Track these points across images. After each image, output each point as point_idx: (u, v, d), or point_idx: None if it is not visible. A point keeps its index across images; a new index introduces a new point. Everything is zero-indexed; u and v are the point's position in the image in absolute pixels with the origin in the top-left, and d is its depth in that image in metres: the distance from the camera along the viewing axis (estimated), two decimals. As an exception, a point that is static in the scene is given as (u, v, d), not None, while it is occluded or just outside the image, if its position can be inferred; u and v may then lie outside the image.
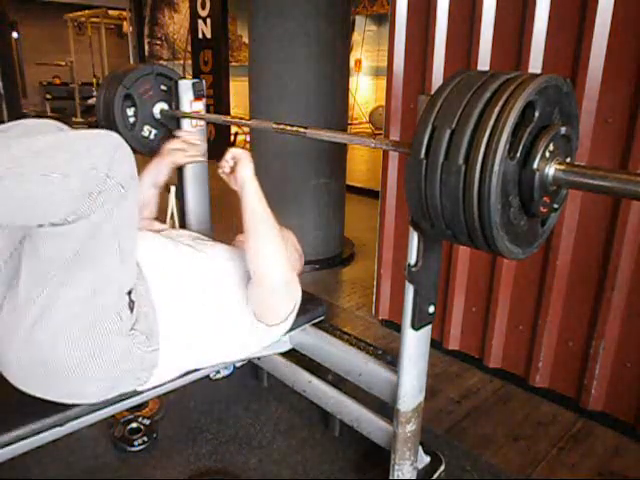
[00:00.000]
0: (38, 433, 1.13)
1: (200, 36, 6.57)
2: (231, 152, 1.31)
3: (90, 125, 8.67)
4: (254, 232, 1.25)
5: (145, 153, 1.94)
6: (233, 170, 1.31)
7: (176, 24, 8.41)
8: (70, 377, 1.05)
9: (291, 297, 1.31)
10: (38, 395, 1.10)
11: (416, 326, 1.21)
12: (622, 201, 1.65)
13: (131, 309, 1.08)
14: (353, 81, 8.31)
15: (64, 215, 0.90)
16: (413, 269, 1.16)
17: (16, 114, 8.17)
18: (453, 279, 2.15)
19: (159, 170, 1.61)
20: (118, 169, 0.94)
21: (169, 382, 1.30)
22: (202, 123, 1.84)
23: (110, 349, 1.05)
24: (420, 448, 1.45)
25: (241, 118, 1.72)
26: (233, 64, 7.45)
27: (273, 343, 1.53)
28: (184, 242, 1.38)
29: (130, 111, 1.85)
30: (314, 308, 1.70)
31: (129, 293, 1.07)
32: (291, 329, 1.60)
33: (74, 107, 9.65)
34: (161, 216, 1.74)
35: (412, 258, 1.17)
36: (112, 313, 1.04)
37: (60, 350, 1.01)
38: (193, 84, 1.81)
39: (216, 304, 1.28)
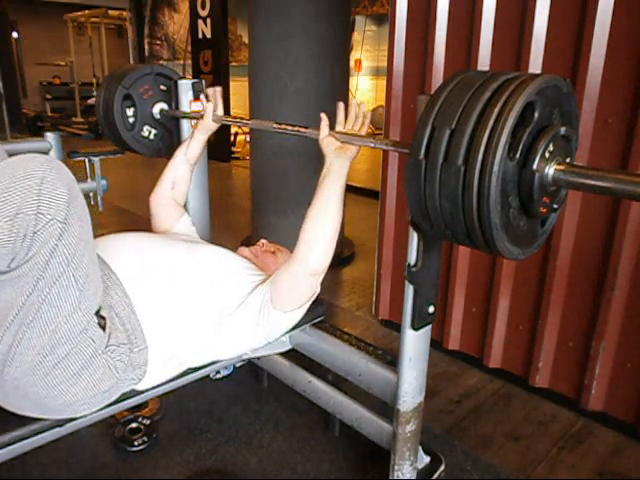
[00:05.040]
0: (38, 433, 1.13)
1: (200, 36, 6.57)
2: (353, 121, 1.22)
3: (90, 125, 8.67)
4: (320, 212, 1.21)
5: (144, 153, 1.94)
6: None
7: (176, 24, 8.40)
8: (56, 402, 1.05)
9: (315, 286, 1.31)
10: (32, 416, 1.10)
11: (416, 326, 1.21)
12: (622, 201, 1.65)
13: (103, 327, 1.06)
14: (353, 81, 8.30)
15: (5, 263, 0.88)
16: (413, 269, 1.16)
17: (16, 114, 8.19)
18: (453, 279, 2.15)
19: (190, 145, 1.61)
20: (49, 205, 0.88)
21: (169, 382, 1.30)
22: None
23: (89, 372, 1.04)
24: (420, 448, 1.45)
25: (241, 118, 1.72)
26: (233, 64, 7.45)
27: (274, 342, 1.53)
28: (177, 242, 1.38)
29: (130, 111, 1.85)
30: (314, 308, 1.69)
31: (97, 312, 1.05)
32: (291, 329, 1.60)
33: (74, 107, 9.64)
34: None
35: (412, 258, 1.17)
36: (82, 339, 1.01)
37: (38, 384, 1.00)
38: (193, 84, 1.81)
39: (209, 302, 1.27)
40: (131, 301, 1.16)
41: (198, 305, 1.26)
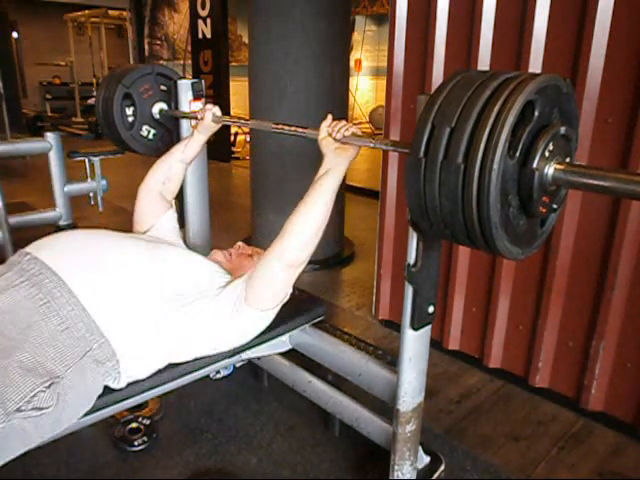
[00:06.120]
0: (38, 433, 1.13)
1: (200, 36, 6.57)
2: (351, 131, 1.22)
3: (90, 125, 8.67)
4: (309, 207, 1.21)
5: (144, 152, 1.95)
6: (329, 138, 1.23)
7: (176, 24, 8.40)
8: None
9: (291, 283, 1.31)
10: None
11: (416, 326, 1.21)
12: (622, 201, 1.65)
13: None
14: (353, 81, 8.30)
15: None
16: (413, 269, 1.16)
17: (16, 114, 8.20)
18: (453, 279, 2.15)
19: (187, 145, 1.61)
20: None
21: (169, 382, 1.30)
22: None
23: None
24: (420, 448, 1.45)
25: (241, 118, 1.72)
26: (233, 64, 7.45)
27: (271, 343, 1.53)
28: (136, 240, 1.37)
29: (129, 110, 1.85)
30: (314, 308, 1.70)
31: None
32: (291, 329, 1.60)
33: (74, 107, 9.65)
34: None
35: (412, 258, 1.16)
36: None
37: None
38: (192, 84, 1.81)
39: (173, 300, 1.26)
40: (79, 300, 1.14)
41: (155, 301, 1.24)
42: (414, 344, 1.26)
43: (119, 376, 1.19)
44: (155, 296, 1.25)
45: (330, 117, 1.25)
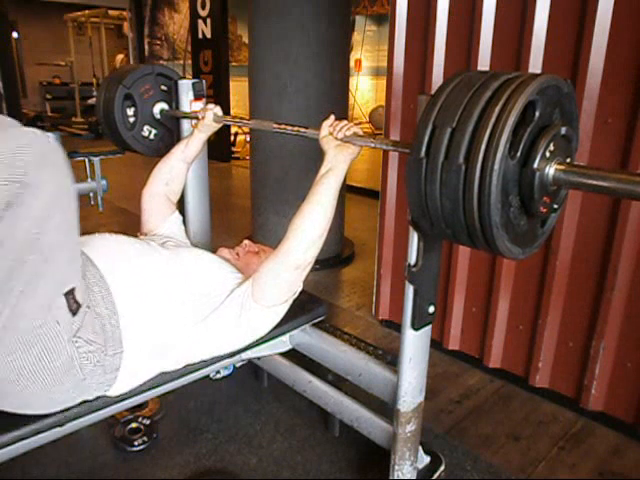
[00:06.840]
0: (38, 433, 1.12)
1: (200, 36, 6.57)
2: (353, 131, 1.22)
3: (90, 125, 8.67)
4: (313, 206, 1.21)
5: (145, 153, 1.95)
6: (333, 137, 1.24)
7: (176, 24, 8.41)
8: (15, 390, 1.02)
9: (299, 281, 1.31)
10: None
11: (416, 326, 1.21)
12: (622, 201, 1.65)
13: (73, 312, 1.00)
14: (353, 81, 8.30)
15: None
16: (413, 269, 1.16)
17: (16, 114, 8.18)
18: (453, 279, 2.15)
19: (188, 144, 1.61)
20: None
21: (169, 382, 1.30)
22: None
23: (50, 358, 0.99)
24: (420, 448, 1.45)
25: (241, 118, 1.72)
26: (233, 64, 7.46)
27: (271, 343, 1.53)
28: (159, 246, 1.37)
29: (130, 111, 1.85)
30: (314, 308, 1.70)
31: (69, 294, 0.98)
32: (291, 329, 1.60)
33: (74, 107, 9.66)
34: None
35: (412, 258, 1.17)
36: (45, 317, 0.95)
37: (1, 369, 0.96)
38: (193, 84, 1.81)
39: (189, 305, 1.26)
40: (114, 299, 1.14)
41: (178, 308, 1.25)
42: (414, 344, 1.26)
43: (109, 389, 1.17)
44: (172, 297, 1.25)
45: (332, 116, 1.25)
